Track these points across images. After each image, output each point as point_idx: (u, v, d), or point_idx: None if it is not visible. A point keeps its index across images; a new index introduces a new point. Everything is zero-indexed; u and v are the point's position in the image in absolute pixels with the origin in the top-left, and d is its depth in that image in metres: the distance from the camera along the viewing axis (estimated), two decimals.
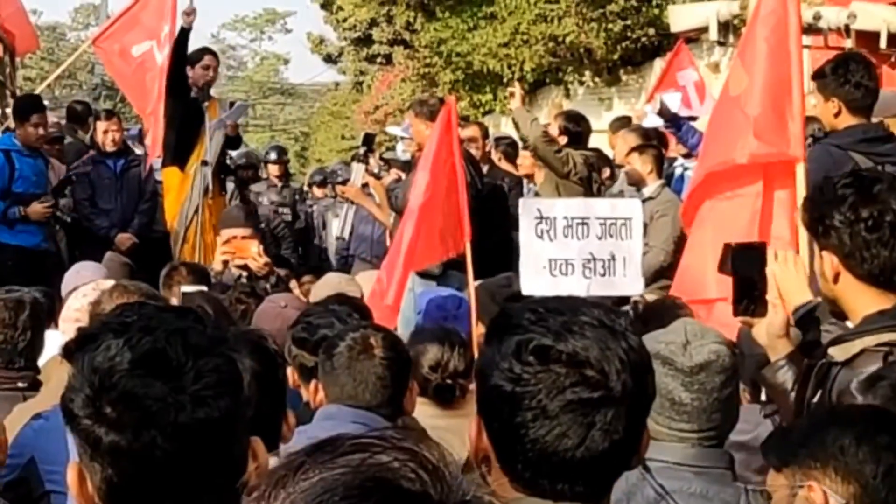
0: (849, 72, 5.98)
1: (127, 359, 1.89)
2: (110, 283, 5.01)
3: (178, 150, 10.79)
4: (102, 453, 1.89)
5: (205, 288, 6.14)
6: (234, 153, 12.46)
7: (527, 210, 7.44)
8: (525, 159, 11.77)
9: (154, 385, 1.87)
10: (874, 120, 8.32)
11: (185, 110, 10.71)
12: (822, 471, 2.50)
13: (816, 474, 2.50)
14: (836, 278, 3.38)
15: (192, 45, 11.00)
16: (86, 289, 4.90)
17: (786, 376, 3.67)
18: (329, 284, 7.15)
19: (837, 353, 3.34)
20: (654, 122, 10.97)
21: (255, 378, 2.98)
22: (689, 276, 6.00)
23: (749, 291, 3.99)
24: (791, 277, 3.89)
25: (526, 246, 7.32)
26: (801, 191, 5.28)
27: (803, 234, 5.07)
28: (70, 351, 1.98)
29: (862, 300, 3.36)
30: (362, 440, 1.21)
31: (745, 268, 4.06)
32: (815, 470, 2.51)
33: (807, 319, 3.82)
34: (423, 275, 7.42)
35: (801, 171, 5.45)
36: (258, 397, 2.98)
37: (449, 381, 4.77)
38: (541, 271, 7.19)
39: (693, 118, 11.05)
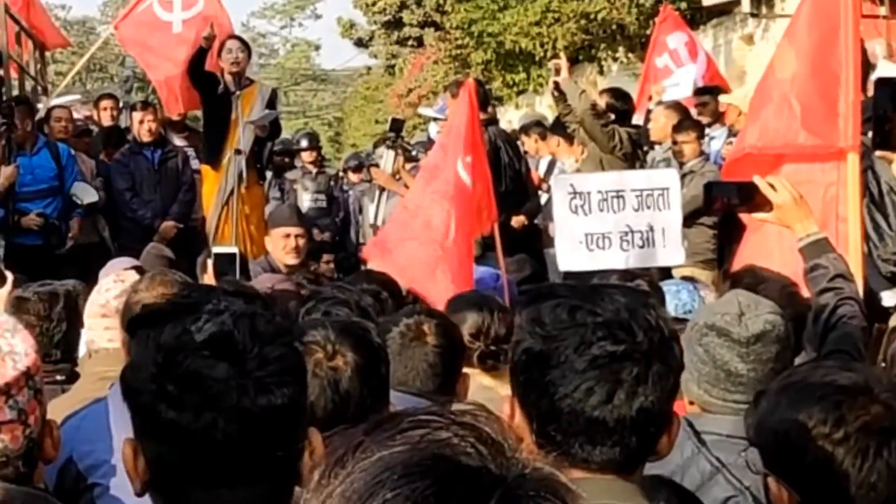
0: None
1: (194, 339, 1.88)
2: (131, 273, 4.87)
3: (211, 147, 10.76)
4: (160, 430, 1.88)
5: (235, 250, 6.38)
6: None
7: (559, 186, 7.37)
8: (551, 138, 11.84)
9: (218, 367, 1.86)
10: None
11: (215, 107, 10.67)
12: None
13: None
14: None
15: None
16: (107, 282, 4.71)
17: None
18: None
19: (893, 320, 3.47)
20: (673, 94, 11.08)
21: (357, 372, 2.92)
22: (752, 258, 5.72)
23: (882, 125, 3.89)
24: (792, 206, 3.90)
25: (561, 222, 7.27)
26: (854, 179, 5.18)
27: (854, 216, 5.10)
28: (134, 327, 1.98)
29: None
30: (421, 417, 1.20)
31: (883, 102, 3.96)
32: None
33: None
34: None
35: (851, 159, 5.22)
36: (360, 391, 2.92)
37: (493, 348, 4.60)
38: (577, 247, 7.12)
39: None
